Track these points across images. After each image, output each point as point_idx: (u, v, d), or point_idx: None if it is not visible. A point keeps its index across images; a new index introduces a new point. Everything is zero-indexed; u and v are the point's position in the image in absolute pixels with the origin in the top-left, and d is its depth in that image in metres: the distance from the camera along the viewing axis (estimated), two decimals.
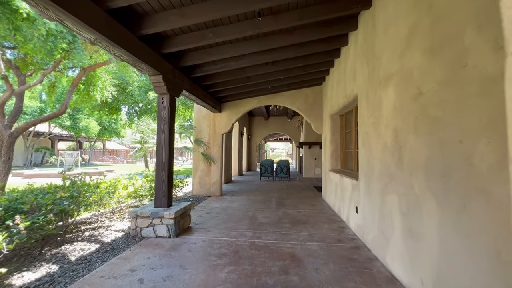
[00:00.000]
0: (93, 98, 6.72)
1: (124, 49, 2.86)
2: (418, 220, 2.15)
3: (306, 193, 7.82)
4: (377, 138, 3.09)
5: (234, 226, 4.33)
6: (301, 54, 4.57)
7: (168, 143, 4.01)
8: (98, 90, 6.51)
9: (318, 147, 11.97)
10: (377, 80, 3.11)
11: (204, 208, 5.64)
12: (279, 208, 5.74)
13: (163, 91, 3.96)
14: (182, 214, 3.99)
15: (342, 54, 4.84)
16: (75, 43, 4.81)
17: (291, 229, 4.19)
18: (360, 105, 3.79)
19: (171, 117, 4.07)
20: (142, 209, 3.82)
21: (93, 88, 6.42)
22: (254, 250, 3.27)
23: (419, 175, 2.14)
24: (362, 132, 3.67)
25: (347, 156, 5.71)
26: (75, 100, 7.01)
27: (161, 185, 3.97)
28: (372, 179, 3.26)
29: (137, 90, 11.05)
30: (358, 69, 3.87)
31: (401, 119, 2.47)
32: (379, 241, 2.96)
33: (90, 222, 4.32)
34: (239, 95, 6.84)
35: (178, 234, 3.82)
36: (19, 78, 5.87)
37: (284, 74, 5.61)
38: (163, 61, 3.81)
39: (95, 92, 6.50)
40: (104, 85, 6.58)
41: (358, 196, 3.84)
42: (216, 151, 7.35)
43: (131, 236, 3.74)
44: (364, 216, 3.51)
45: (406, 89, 2.37)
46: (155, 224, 3.73)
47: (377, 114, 3.11)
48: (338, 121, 6.01)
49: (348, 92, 4.38)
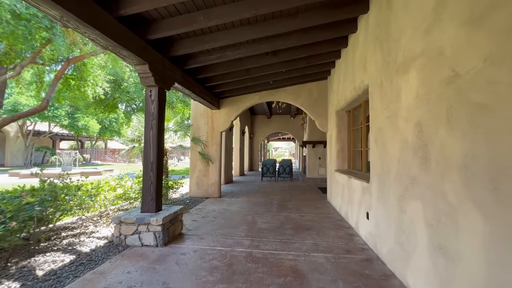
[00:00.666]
0: (84, 94, 6.35)
1: (98, 30, 2.46)
2: (452, 235, 1.71)
3: (310, 195, 7.38)
4: (394, 134, 2.64)
5: (230, 232, 3.91)
6: (305, 42, 4.14)
7: (157, 140, 3.61)
8: (90, 86, 6.14)
9: (322, 146, 11.51)
10: (393, 67, 2.66)
11: (200, 211, 5.24)
12: (281, 211, 5.31)
13: (151, 83, 3.56)
14: (172, 219, 3.59)
15: (350, 42, 4.39)
16: (53, 28, 4.40)
17: (294, 236, 3.77)
18: (372, 97, 3.35)
19: (160, 112, 3.66)
20: (127, 215, 3.42)
21: (84, 83, 6.06)
22: (251, 263, 2.85)
23: (454, 179, 1.70)
24: (375, 128, 3.23)
25: (355, 156, 5.26)
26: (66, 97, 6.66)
27: (149, 188, 3.57)
28: (387, 182, 2.82)
29: (133, 87, 10.66)
30: (369, 57, 3.43)
31: (427, 110, 2.03)
32: (397, 254, 2.52)
33: (73, 227, 3.94)
34: (239, 90, 6.42)
35: (167, 243, 3.41)
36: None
37: (286, 67, 5.18)
38: (149, 48, 3.41)
39: (86, 87, 6.12)
40: (95, 81, 6.20)
41: (369, 200, 3.39)
42: (215, 150, 6.95)
43: (114, 244, 3.35)
44: (377, 223, 3.07)
45: (435, 73, 1.93)
46: (141, 232, 3.33)
47: (393, 106, 2.66)
48: (344, 118, 5.56)
49: (357, 84, 3.93)
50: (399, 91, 2.52)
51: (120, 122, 19.23)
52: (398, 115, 2.54)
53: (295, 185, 9.42)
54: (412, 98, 2.27)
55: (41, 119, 16.10)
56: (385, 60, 2.89)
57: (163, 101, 3.77)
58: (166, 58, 3.83)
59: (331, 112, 6.03)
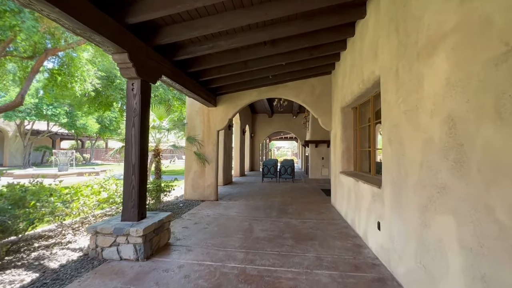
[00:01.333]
0: (72, 90, 5.95)
1: (58, 7, 2.05)
2: (503, 265, 1.27)
3: (312, 197, 6.93)
4: (414, 131, 2.20)
5: (223, 242, 3.50)
6: (307, 29, 3.69)
7: (140, 139, 3.20)
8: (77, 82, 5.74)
9: (325, 145, 11.02)
10: (413, 51, 2.22)
11: (193, 217, 4.83)
12: (281, 216, 4.88)
13: (132, 75, 3.14)
14: (157, 229, 3.18)
15: (358, 30, 3.93)
16: (21, 13, 3.96)
17: (294, 247, 3.34)
18: (384, 89, 2.90)
19: (143, 107, 3.25)
20: (104, 224, 3.02)
21: (71, 79, 5.67)
22: (243, 284, 2.43)
23: (508, 191, 1.26)
24: (388, 126, 2.78)
25: (362, 156, 4.81)
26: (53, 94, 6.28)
27: (130, 193, 3.16)
28: (404, 189, 2.38)
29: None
30: (381, 43, 2.98)
31: (463, 100, 1.59)
32: (419, 277, 2.08)
33: (49, 236, 3.55)
34: (236, 85, 5.99)
35: (150, 256, 3.01)
36: None
37: (287, 59, 4.73)
38: (129, 35, 2.99)
39: (74, 84, 5.73)
40: (83, 76, 5.81)
41: (381, 209, 2.95)
42: (211, 150, 6.53)
43: (89, 258, 2.95)
44: (392, 236, 2.63)
45: (476, 51, 1.48)
46: (119, 243, 2.92)
47: (413, 98, 2.22)
48: (350, 115, 5.11)
49: (366, 75, 3.48)
50: (421, 79, 2.08)
51: (117, 120, 18.87)
52: (420, 109, 2.10)
53: (297, 187, 8.98)
54: (440, 86, 1.82)
55: (39, 117, 15.81)
56: (401, 43, 2.44)
57: (147, 96, 3.36)
58: (150, 47, 3.41)
59: (336, 109, 5.58)
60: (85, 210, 3.59)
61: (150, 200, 5.09)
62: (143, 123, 3.25)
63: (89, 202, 3.62)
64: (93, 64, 6.90)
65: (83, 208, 3.55)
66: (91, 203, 3.71)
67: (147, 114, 3.37)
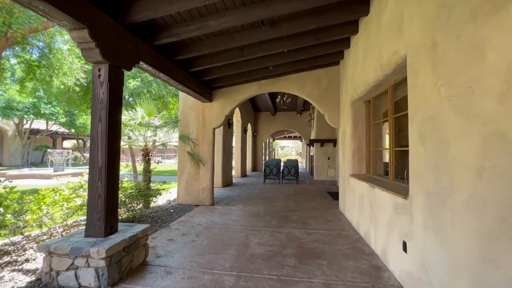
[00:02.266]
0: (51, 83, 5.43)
1: None
2: None
3: (318, 201, 6.29)
4: (466, 123, 1.56)
5: (212, 261, 2.90)
6: (313, 5, 3.06)
7: (108, 137, 2.62)
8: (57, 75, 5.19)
9: (331, 145, 10.33)
10: (464, 10, 1.57)
11: (183, 226, 4.24)
12: (283, 225, 4.26)
13: (97, 58, 2.56)
14: (128, 247, 2.59)
15: (374, 6, 3.29)
16: None
17: (297, 269, 2.72)
18: (414, 71, 2.26)
19: (112, 99, 2.67)
20: (60, 242, 2.44)
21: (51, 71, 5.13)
22: None
23: None
24: (420, 118, 2.13)
25: (376, 157, 4.16)
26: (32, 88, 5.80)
27: (96, 203, 2.58)
28: (448, 204, 1.74)
29: None
30: (408, 14, 2.33)
31: None
32: None
33: (6, 252, 3.00)
34: (233, 78, 5.38)
35: (117, 281, 2.42)
36: None
37: (289, 45, 4.10)
38: (90, 6, 2.40)
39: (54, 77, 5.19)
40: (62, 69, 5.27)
41: (408, 225, 2.31)
42: (206, 150, 5.94)
43: (42, 284, 2.37)
44: (426, 264, 1.98)
45: None
46: (78, 267, 2.34)
47: (465, 77, 1.57)
48: (362, 110, 4.45)
49: (387, 58, 2.83)
50: (481, 48, 1.44)
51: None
52: (478, 91, 1.45)
53: (301, 189, 8.33)
54: None
55: (37, 116, 15.47)
56: (442, 5, 1.79)
57: (117, 84, 2.77)
58: (122, 26, 2.82)
59: (345, 103, 4.93)
60: (47, 222, 3.02)
61: (135, 205, 4.52)
62: (112, 117, 2.66)
63: (53, 212, 3.05)
64: (80, 58, 6.39)
65: (45, 220, 2.98)
66: (58, 212, 3.14)
67: (118, 107, 2.77)
